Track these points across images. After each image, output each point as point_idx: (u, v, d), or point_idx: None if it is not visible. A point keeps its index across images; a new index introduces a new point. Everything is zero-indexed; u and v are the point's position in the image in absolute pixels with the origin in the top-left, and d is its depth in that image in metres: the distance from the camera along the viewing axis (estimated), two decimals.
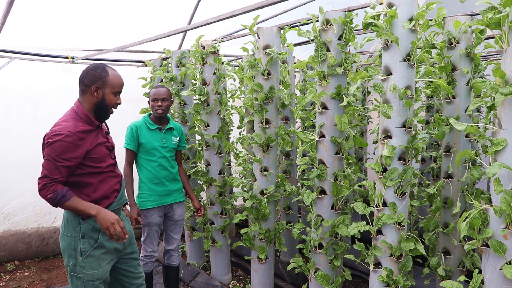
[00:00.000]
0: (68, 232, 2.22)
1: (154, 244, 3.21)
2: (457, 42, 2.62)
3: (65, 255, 2.24)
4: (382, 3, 2.30)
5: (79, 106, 2.22)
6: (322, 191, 2.71)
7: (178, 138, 3.27)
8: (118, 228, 2.15)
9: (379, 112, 2.40)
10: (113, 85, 2.20)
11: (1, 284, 4.06)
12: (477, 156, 2.56)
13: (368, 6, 2.46)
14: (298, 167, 3.80)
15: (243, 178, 3.61)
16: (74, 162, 2.13)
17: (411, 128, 2.31)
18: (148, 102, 3.22)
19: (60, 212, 4.67)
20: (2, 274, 4.29)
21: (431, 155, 3.31)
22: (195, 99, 3.71)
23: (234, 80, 4.20)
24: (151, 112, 3.22)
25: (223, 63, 3.64)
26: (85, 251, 2.20)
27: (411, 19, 2.17)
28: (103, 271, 2.28)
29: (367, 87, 5.00)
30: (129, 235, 2.43)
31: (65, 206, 2.13)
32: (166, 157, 3.17)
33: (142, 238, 3.22)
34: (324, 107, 2.64)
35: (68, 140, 2.08)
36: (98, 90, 2.18)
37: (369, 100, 5.19)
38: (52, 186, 2.12)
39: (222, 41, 3.65)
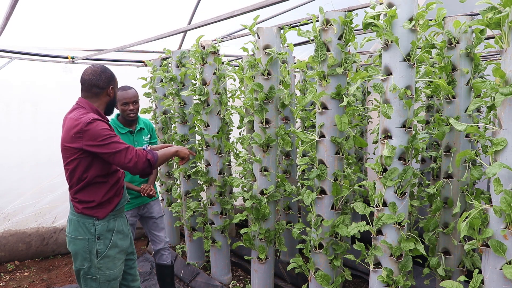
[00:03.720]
0: (80, 235, 2.21)
1: None
2: (457, 42, 2.62)
3: (77, 259, 2.23)
4: (382, 3, 2.30)
5: (89, 103, 2.27)
6: (322, 191, 2.71)
7: (149, 135, 3.25)
8: (191, 154, 2.59)
9: (379, 112, 2.40)
10: (117, 82, 2.40)
11: (1, 284, 4.06)
12: (477, 156, 2.56)
13: (368, 6, 2.45)
14: (298, 167, 3.80)
15: (243, 178, 3.61)
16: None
17: (411, 128, 2.31)
18: (116, 106, 3.14)
19: (60, 211, 4.68)
20: (2, 274, 4.29)
21: (431, 155, 3.31)
22: (195, 99, 3.71)
23: (234, 80, 4.20)
24: (118, 114, 3.15)
25: (223, 63, 3.64)
26: (102, 252, 2.21)
27: (411, 19, 2.17)
28: (118, 271, 2.30)
29: (367, 87, 5.00)
30: (130, 234, 2.45)
31: (158, 160, 2.27)
32: None
33: None
34: (324, 107, 2.64)
35: (103, 120, 2.19)
36: (112, 90, 2.33)
37: (369, 100, 5.19)
38: (138, 151, 2.19)
39: (222, 41, 3.64)
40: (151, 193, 3.04)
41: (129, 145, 2.18)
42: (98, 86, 2.26)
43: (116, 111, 2.88)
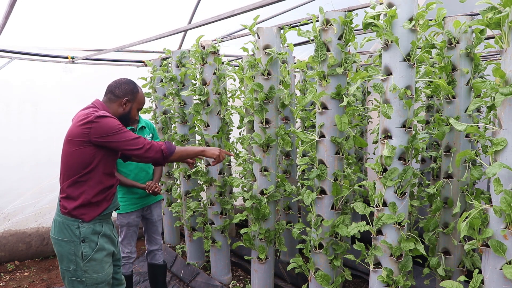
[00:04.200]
0: (65, 237, 2.19)
1: (132, 245, 3.20)
2: (457, 42, 2.62)
3: (63, 260, 2.21)
4: (382, 3, 2.30)
5: (104, 106, 2.29)
6: (322, 191, 2.71)
7: (151, 135, 3.28)
8: (223, 153, 2.44)
9: (379, 112, 2.40)
10: (140, 102, 2.41)
11: (1, 284, 4.06)
12: (477, 156, 2.56)
13: (368, 6, 2.46)
14: (298, 167, 3.81)
15: (243, 178, 3.61)
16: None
17: (411, 128, 2.31)
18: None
19: None
20: (2, 274, 4.29)
21: (431, 155, 3.31)
22: (195, 99, 3.71)
23: (234, 80, 4.20)
24: None
25: (223, 63, 3.64)
26: (87, 255, 2.19)
27: (411, 19, 2.17)
28: (106, 274, 2.27)
29: (367, 87, 5.00)
30: (116, 239, 2.44)
31: (176, 154, 2.26)
32: None
33: (120, 239, 3.19)
34: (324, 107, 2.64)
35: (114, 117, 2.20)
36: (127, 103, 2.34)
37: (369, 100, 5.19)
38: (151, 142, 2.22)
39: (222, 41, 3.65)
40: (156, 190, 3.03)
41: (139, 136, 2.22)
42: (114, 93, 2.31)
43: None
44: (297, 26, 2.88)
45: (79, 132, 2.13)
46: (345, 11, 2.54)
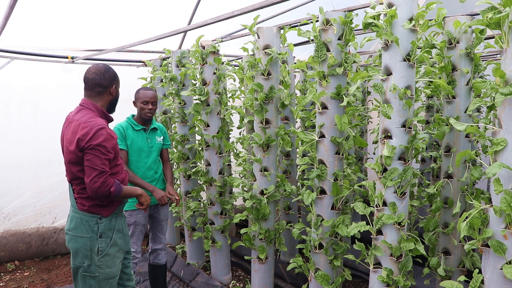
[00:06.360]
0: (82, 233, 2.22)
1: (138, 245, 3.20)
2: (457, 42, 2.62)
3: (78, 256, 2.24)
4: (382, 3, 2.30)
5: (94, 104, 2.27)
6: (322, 191, 2.71)
7: (162, 137, 3.29)
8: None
9: (379, 112, 2.40)
10: (119, 82, 2.40)
11: (1, 284, 4.06)
12: (477, 156, 2.56)
13: (368, 6, 2.46)
14: (298, 167, 3.80)
15: (243, 178, 3.61)
16: (113, 155, 2.21)
17: (411, 128, 2.31)
18: (134, 102, 3.17)
19: (60, 211, 4.67)
20: (2, 274, 4.29)
21: (431, 155, 3.31)
22: (195, 99, 3.71)
23: (234, 80, 4.20)
24: (134, 114, 3.21)
25: (223, 63, 3.64)
26: (103, 250, 2.23)
27: (411, 19, 2.17)
28: (117, 269, 2.33)
29: (367, 87, 5.00)
30: (127, 233, 2.47)
31: (120, 196, 2.25)
32: (153, 157, 3.19)
33: None
34: (324, 107, 2.64)
35: (109, 131, 2.19)
36: (115, 88, 2.34)
37: (369, 100, 5.19)
38: (108, 180, 2.17)
39: (222, 41, 3.65)
40: (164, 201, 3.05)
41: (107, 171, 2.16)
42: (102, 85, 2.27)
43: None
44: (297, 26, 2.88)
45: (77, 142, 2.12)
46: (345, 11, 2.54)
